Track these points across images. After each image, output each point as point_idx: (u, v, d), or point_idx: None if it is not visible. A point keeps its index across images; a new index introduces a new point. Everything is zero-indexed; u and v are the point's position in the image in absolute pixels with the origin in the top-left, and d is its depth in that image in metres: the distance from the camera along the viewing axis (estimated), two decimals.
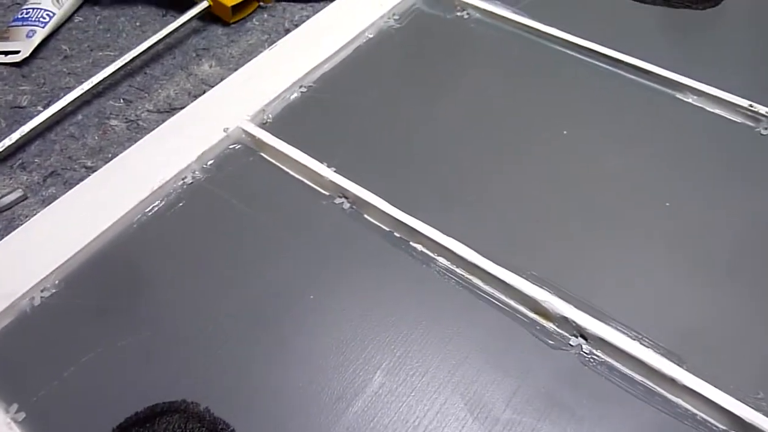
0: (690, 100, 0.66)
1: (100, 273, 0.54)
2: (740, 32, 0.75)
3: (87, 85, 0.73)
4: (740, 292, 0.51)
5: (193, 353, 0.49)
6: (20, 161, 0.68)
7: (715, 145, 0.62)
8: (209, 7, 0.82)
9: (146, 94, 0.75)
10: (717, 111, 0.65)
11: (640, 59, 0.69)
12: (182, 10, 0.81)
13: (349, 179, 0.57)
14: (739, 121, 0.64)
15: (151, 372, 0.48)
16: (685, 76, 0.67)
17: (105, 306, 0.52)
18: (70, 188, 0.60)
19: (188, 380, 0.47)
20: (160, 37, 0.78)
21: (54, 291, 0.53)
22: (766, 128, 0.63)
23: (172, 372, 0.48)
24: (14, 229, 0.57)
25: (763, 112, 0.63)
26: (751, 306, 0.50)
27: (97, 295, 0.52)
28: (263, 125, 0.64)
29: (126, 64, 0.76)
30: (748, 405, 0.44)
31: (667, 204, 0.57)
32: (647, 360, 0.46)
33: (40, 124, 0.70)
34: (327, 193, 0.58)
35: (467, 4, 0.77)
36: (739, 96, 0.64)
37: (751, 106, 0.64)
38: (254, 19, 0.85)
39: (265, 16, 0.86)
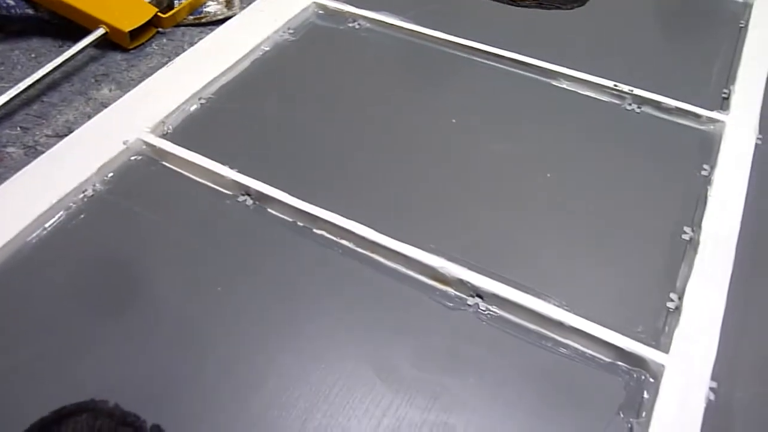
0: (564, 86, 0.73)
1: None
2: (603, 26, 0.83)
3: None
4: (617, 245, 0.56)
5: (101, 354, 0.48)
6: None
7: (588, 121, 0.69)
8: (106, 33, 0.83)
9: (44, 121, 0.75)
10: (587, 93, 0.72)
11: (518, 53, 0.75)
12: (79, 40, 0.81)
13: (250, 177, 0.59)
14: (606, 100, 0.71)
15: (57, 377, 0.47)
16: (557, 65, 0.73)
17: (5, 323, 0.50)
18: None
19: (96, 380, 0.47)
20: (56, 64, 0.78)
21: None
22: (629, 104, 0.70)
23: (80, 374, 0.47)
24: None
25: (626, 90, 0.70)
26: (628, 254, 0.56)
27: None
28: (164, 136, 0.65)
29: (21, 92, 0.75)
30: (630, 338, 0.48)
31: (548, 175, 0.62)
32: (537, 308, 0.50)
33: None
34: (230, 193, 0.60)
35: (358, 15, 0.81)
36: (604, 78, 0.72)
37: (615, 86, 0.71)
38: (153, 44, 0.86)
39: (164, 40, 0.87)
